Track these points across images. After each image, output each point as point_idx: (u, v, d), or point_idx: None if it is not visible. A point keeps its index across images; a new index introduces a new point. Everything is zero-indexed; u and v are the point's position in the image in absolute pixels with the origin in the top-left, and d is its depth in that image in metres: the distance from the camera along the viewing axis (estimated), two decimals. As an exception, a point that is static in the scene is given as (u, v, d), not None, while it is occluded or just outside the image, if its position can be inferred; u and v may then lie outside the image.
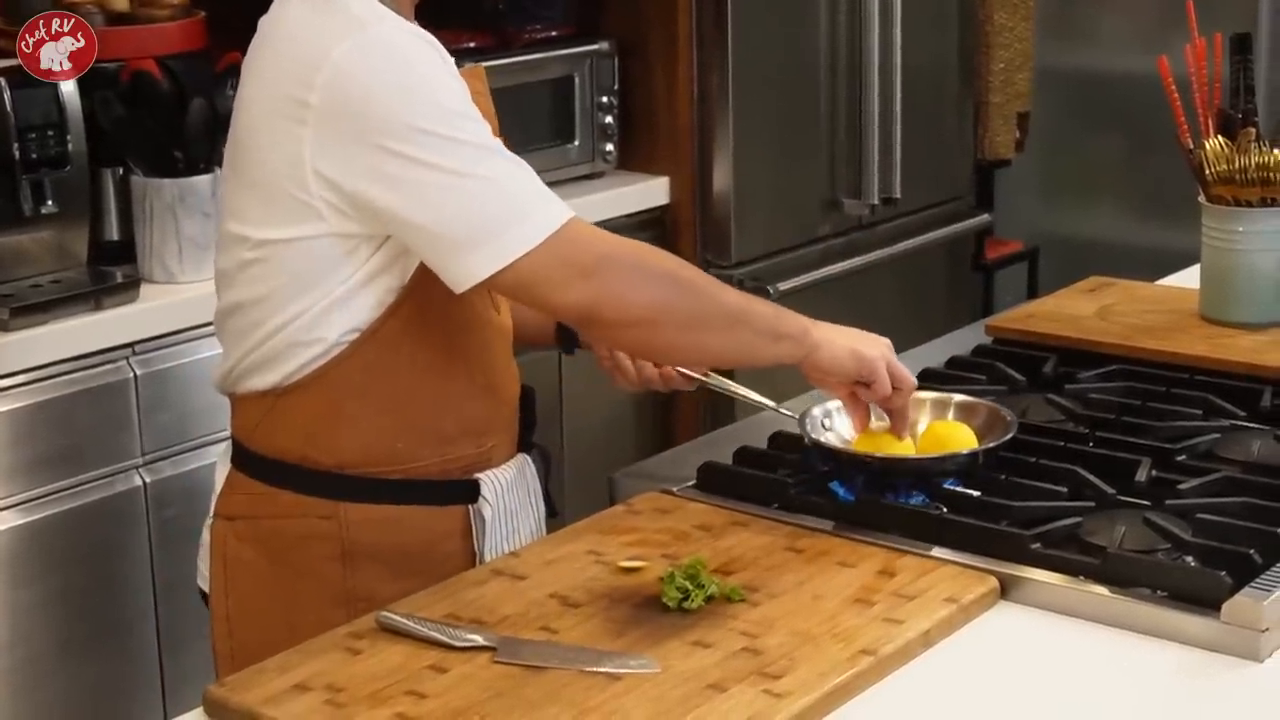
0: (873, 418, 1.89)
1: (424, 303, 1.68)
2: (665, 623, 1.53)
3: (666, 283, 1.64)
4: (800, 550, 1.69)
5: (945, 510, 1.74)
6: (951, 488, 1.80)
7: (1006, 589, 1.61)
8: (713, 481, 1.85)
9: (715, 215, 3.58)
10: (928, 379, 2.12)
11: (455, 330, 1.73)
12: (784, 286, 3.62)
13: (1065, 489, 1.78)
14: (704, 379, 1.96)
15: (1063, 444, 1.90)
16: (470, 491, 1.77)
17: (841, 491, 1.81)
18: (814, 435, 1.87)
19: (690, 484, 1.87)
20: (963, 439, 1.83)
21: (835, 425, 1.90)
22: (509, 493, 1.80)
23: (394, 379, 1.70)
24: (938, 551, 1.67)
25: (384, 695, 1.42)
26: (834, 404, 1.91)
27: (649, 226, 3.59)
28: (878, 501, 1.77)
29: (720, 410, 3.32)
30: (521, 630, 1.53)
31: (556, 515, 1.88)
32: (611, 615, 1.55)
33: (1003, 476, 1.80)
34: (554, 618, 1.55)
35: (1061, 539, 1.67)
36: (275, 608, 1.76)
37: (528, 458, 1.85)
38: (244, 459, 1.78)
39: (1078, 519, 1.70)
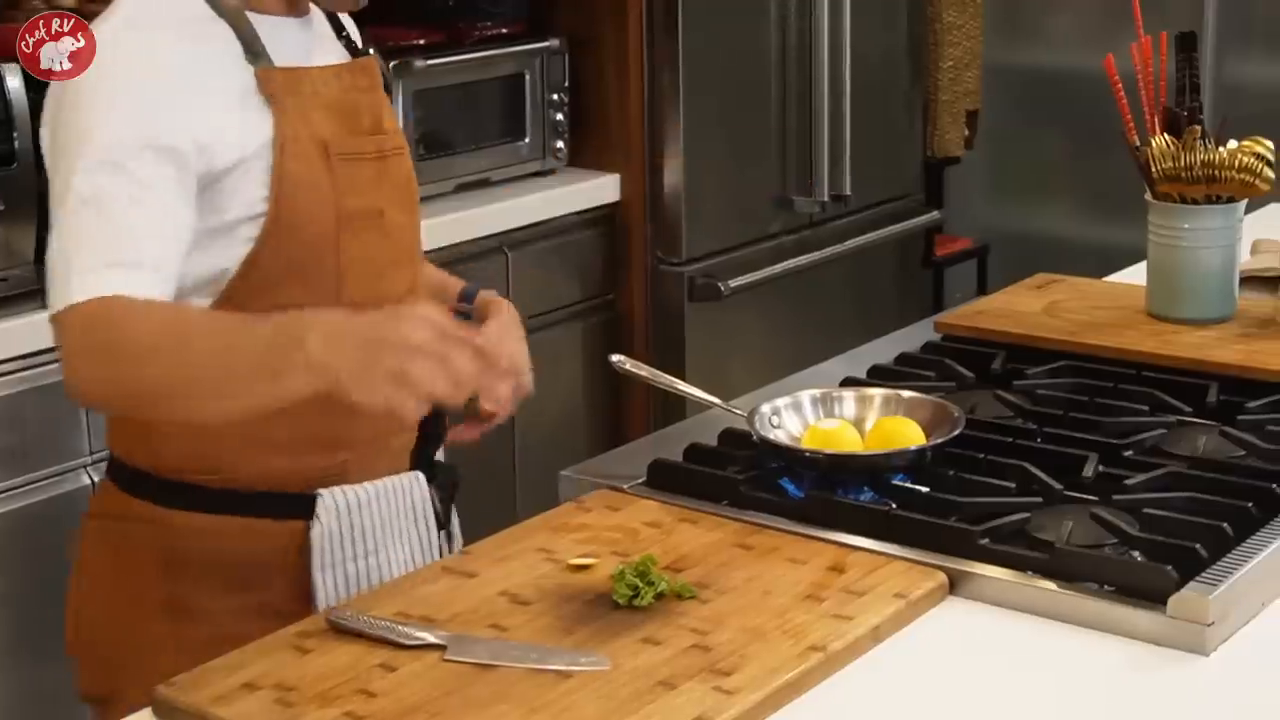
0: (820, 415, 1.91)
1: (244, 305, 1.59)
2: (615, 620, 1.53)
3: (132, 363, 1.48)
4: (750, 547, 1.69)
5: (894, 506, 1.74)
6: (900, 484, 1.80)
7: (955, 584, 1.61)
8: (663, 479, 1.85)
9: (666, 212, 3.58)
10: (878, 376, 2.13)
11: None
12: (735, 283, 3.63)
13: (1013, 485, 1.78)
14: (650, 378, 1.96)
15: (1011, 440, 1.90)
16: (311, 507, 1.69)
17: (791, 488, 1.81)
18: (763, 432, 1.87)
19: (640, 481, 1.86)
20: (910, 435, 1.83)
21: (784, 422, 1.91)
22: (360, 512, 1.70)
23: None
24: (887, 547, 1.67)
25: (333, 694, 1.42)
26: (783, 401, 1.92)
27: (599, 224, 3.59)
28: (827, 498, 1.77)
29: (670, 408, 3.31)
30: (472, 628, 1.52)
31: (443, 528, 1.81)
32: (561, 613, 1.55)
33: (951, 472, 1.80)
34: (504, 615, 1.54)
35: (1009, 534, 1.67)
36: (110, 610, 1.73)
37: (417, 476, 1.76)
38: (109, 457, 1.77)
39: (1025, 514, 1.70)
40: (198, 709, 1.42)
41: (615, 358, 2.03)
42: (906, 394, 1.95)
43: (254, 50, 1.62)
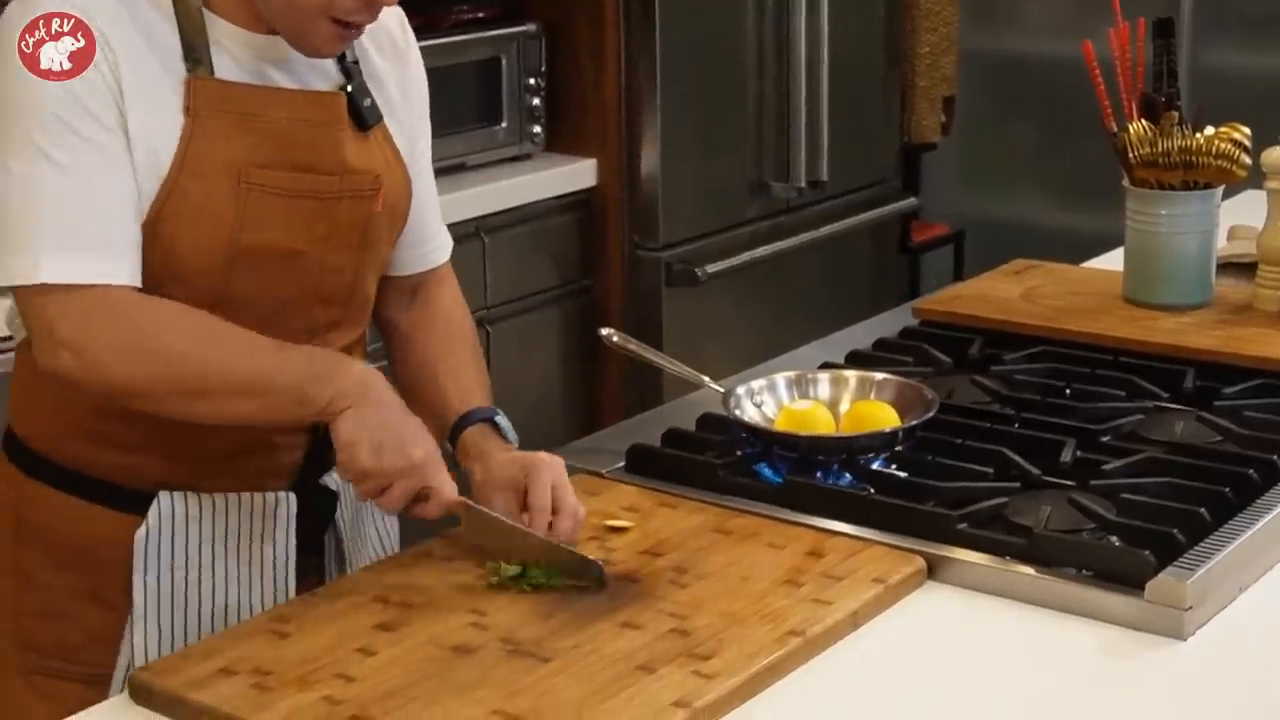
0: (795, 397, 1.91)
1: None
2: (594, 605, 1.54)
3: (156, 360, 1.52)
4: (729, 532, 1.69)
5: (873, 491, 1.74)
6: (879, 469, 1.80)
7: (934, 569, 1.62)
8: (641, 463, 1.85)
9: (642, 197, 3.58)
10: (856, 362, 2.13)
11: None
12: (711, 269, 3.63)
13: (991, 469, 1.78)
14: (639, 352, 1.97)
15: (989, 425, 1.90)
16: (149, 505, 1.65)
17: (769, 473, 1.81)
18: (739, 413, 1.87)
19: (619, 466, 1.86)
20: (884, 417, 1.83)
21: (764, 404, 1.90)
22: (199, 523, 1.66)
23: None
24: (865, 532, 1.67)
25: (312, 678, 1.42)
26: (758, 383, 1.92)
27: (576, 208, 3.58)
28: (805, 483, 1.77)
29: (648, 392, 3.32)
30: (448, 614, 1.53)
31: (312, 554, 1.75)
32: (540, 597, 1.55)
33: (929, 457, 1.80)
34: (483, 599, 1.55)
35: (988, 519, 1.67)
36: None
37: (287, 496, 1.69)
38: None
39: (1004, 499, 1.70)
40: (173, 693, 1.41)
41: (605, 331, 2.02)
42: (879, 376, 1.94)
43: (194, 56, 1.55)
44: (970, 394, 2.03)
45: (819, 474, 1.80)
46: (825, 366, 2.08)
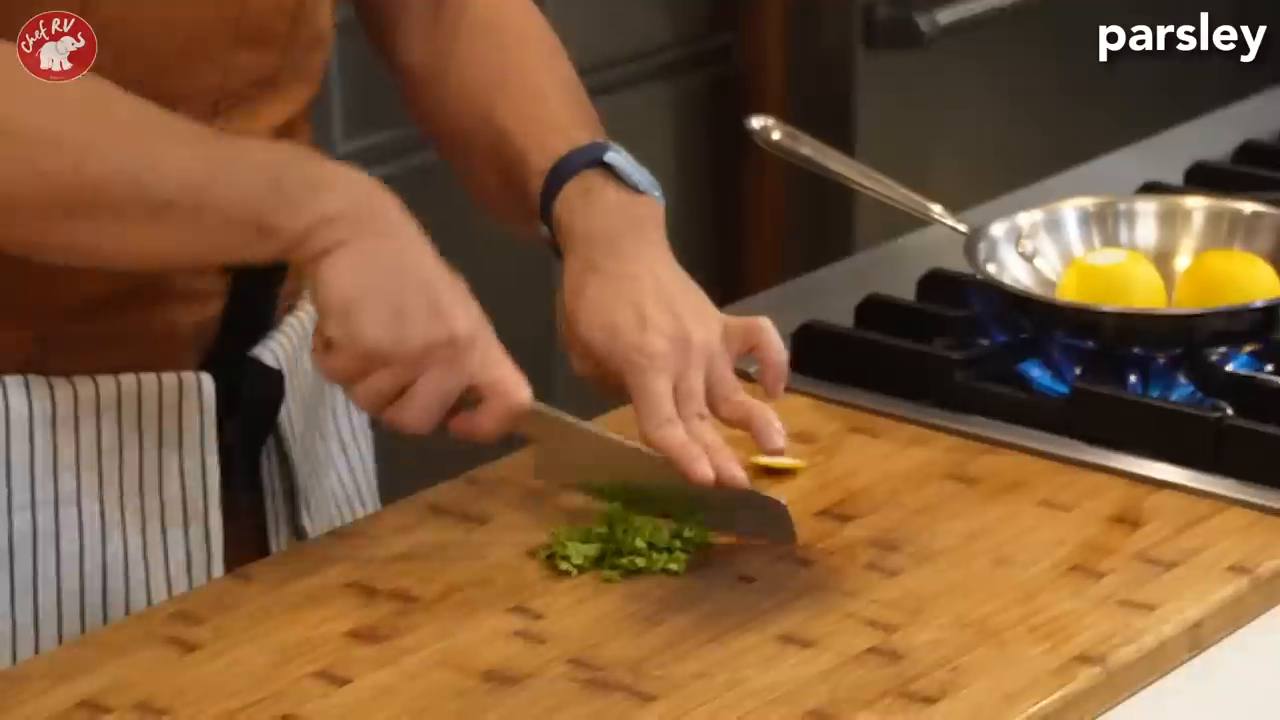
0: (1096, 243, 1.97)
1: None
2: (733, 604, 1.55)
3: (31, 147, 1.57)
4: (973, 479, 1.71)
5: (1229, 412, 1.74)
6: (1244, 372, 1.82)
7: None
8: (819, 356, 1.87)
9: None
10: (1201, 181, 2.17)
11: None
12: (944, 19, 3.63)
13: None
14: (815, 159, 1.99)
15: None
16: None
17: (1045, 377, 1.82)
18: (994, 270, 1.90)
19: None
20: (1256, 281, 1.86)
21: (1039, 254, 1.95)
22: (54, 428, 1.67)
23: None
24: (1216, 484, 1.67)
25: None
26: (1030, 215, 1.96)
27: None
28: (1111, 395, 1.78)
29: (828, 228, 3.38)
30: (477, 614, 1.55)
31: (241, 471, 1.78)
32: (636, 588, 1.58)
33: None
34: (538, 589, 1.58)
35: None
36: None
37: (199, 379, 1.72)
38: None
39: None
40: None
41: (757, 123, 2.04)
42: (1250, 209, 1.98)
43: None
44: None
45: (1136, 380, 1.80)
46: (1148, 189, 2.10)
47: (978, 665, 1.45)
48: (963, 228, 1.94)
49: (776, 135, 2.03)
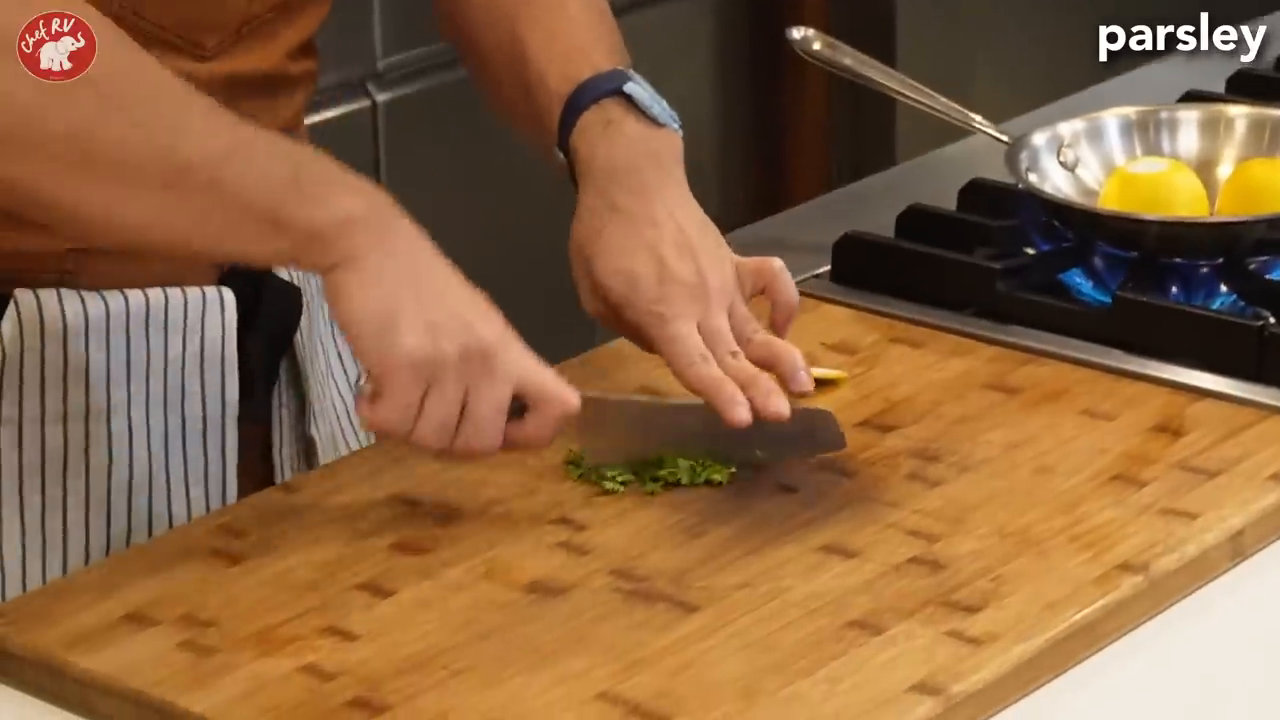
0: (1137, 151, 1.95)
1: None
2: (774, 514, 1.55)
3: (59, 93, 1.56)
4: (1014, 389, 1.71)
5: (1271, 320, 1.74)
6: None
7: (1382, 461, 1.63)
8: (859, 267, 1.88)
9: None
10: (1243, 90, 2.15)
11: None
12: None
13: None
14: (856, 68, 1.99)
15: None
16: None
17: (1087, 286, 1.83)
18: (1035, 180, 1.90)
19: (820, 272, 1.89)
20: None
21: (1081, 163, 1.94)
22: (84, 337, 1.68)
23: None
24: (1259, 393, 1.68)
25: (282, 635, 1.42)
26: (1072, 125, 1.96)
27: None
28: (1153, 304, 1.78)
29: (867, 139, 3.38)
30: (518, 528, 1.56)
31: (260, 393, 1.80)
32: (679, 499, 1.58)
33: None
34: (580, 502, 1.59)
35: None
36: None
37: (220, 294, 1.73)
38: None
39: None
40: (43, 657, 1.42)
41: (796, 33, 2.04)
42: None
43: None
44: None
45: (1178, 289, 1.81)
46: (1190, 98, 2.09)
47: (1019, 575, 1.46)
48: (1004, 137, 1.95)
49: (817, 46, 2.03)
